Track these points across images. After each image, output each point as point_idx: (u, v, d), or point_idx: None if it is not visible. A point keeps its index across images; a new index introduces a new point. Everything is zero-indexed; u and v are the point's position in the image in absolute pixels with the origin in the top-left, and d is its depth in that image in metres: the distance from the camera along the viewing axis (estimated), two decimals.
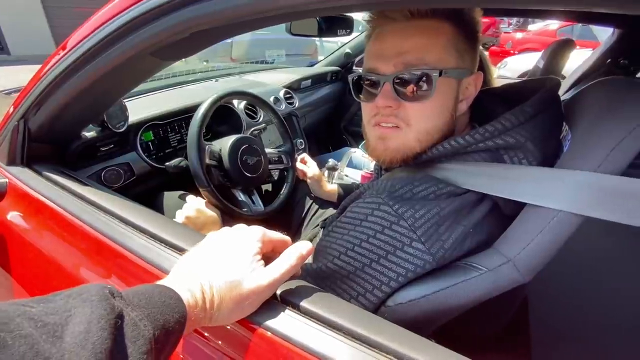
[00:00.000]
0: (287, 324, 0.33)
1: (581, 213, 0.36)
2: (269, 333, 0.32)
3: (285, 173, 1.09)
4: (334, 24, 0.98)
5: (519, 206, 0.42)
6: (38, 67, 0.62)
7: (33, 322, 0.21)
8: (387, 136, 0.50)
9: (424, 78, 0.45)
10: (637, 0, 0.24)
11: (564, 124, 0.49)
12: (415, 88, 0.46)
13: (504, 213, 0.46)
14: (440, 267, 0.42)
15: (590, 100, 0.45)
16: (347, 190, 1.02)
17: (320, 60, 2.08)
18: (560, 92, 1.29)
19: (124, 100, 0.91)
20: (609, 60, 1.25)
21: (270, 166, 1.03)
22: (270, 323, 0.33)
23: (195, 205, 0.80)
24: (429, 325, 0.43)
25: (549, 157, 0.44)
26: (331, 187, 1.03)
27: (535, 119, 0.45)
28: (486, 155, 0.46)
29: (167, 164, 0.91)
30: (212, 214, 0.81)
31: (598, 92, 0.45)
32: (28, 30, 7.82)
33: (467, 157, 0.47)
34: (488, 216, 0.45)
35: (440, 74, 0.45)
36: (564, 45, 1.06)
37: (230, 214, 0.85)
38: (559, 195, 0.38)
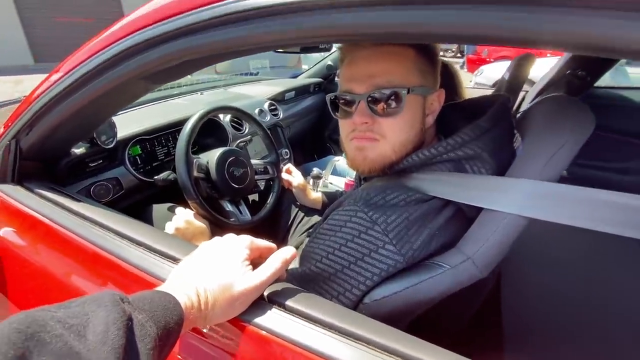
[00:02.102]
0: (274, 321, 0.37)
1: (525, 215, 0.42)
2: (258, 329, 0.37)
3: (271, 183, 1.13)
4: None
5: (478, 210, 0.48)
6: (13, 77, 0.65)
7: (61, 324, 0.25)
8: (365, 147, 0.55)
9: (394, 96, 0.51)
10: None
11: (517, 134, 0.56)
12: (386, 105, 0.52)
13: (467, 216, 0.51)
14: (409, 266, 0.47)
15: (534, 115, 0.52)
16: (331, 197, 1.07)
17: (305, 71, 2.15)
18: (528, 100, 1.39)
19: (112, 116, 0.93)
20: (568, 71, 1.36)
21: (256, 177, 1.07)
22: (259, 320, 0.37)
23: (184, 217, 0.83)
24: (402, 319, 0.48)
25: (503, 165, 0.50)
26: (316, 195, 1.07)
27: (489, 133, 0.52)
28: (450, 165, 0.52)
29: (155, 177, 0.93)
30: (200, 224, 0.84)
31: (540, 109, 0.51)
32: (2, 41, 7.61)
33: (433, 167, 0.53)
34: (452, 219, 0.51)
35: (408, 92, 0.51)
36: (525, 60, 1.16)
37: (218, 225, 0.88)
38: (507, 200, 0.44)
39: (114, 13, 8.41)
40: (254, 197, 1.21)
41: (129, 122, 1.05)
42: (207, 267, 0.38)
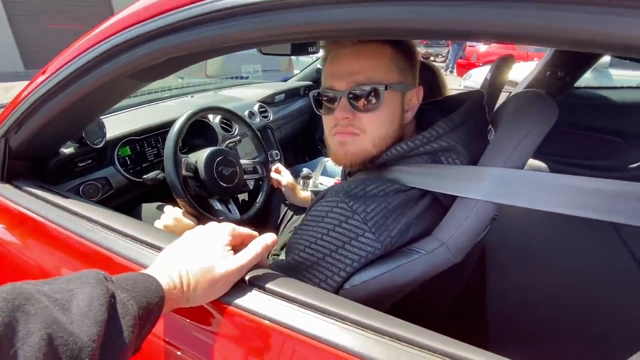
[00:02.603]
0: (254, 301, 0.39)
1: (493, 200, 0.45)
2: (239, 310, 0.38)
3: (261, 182, 1.15)
4: (304, 43, 1.07)
5: (453, 199, 0.51)
6: (3, 84, 0.66)
7: (47, 298, 0.26)
8: (346, 141, 0.57)
9: (373, 92, 0.54)
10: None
11: (491, 128, 0.59)
12: (366, 101, 0.54)
13: (443, 205, 0.54)
14: (387, 252, 0.50)
15: (505, 109, 0.55)
16: None
17: (296, 74, 2.18)
18: None
19: (102, 117, 0.94)
20: (548, 72, 1.41)
21: (245, 176, 1.09)
22: (239, 302, 0.39)
23: (172, 215, 0.84)
24: (381, 302, 0.50)
25: (477, 156, 0.53)
26: (305, 194, 1.09)
27: (463, 126, 0.54)
28: (427, 158, 0.55)
29: (144, 176, 0.95)
30: (189, 222, 0.85)
31: (510, 103, 0.54)
32: None
33: (411, 159, 0.55)
34: (429, 209, 0.53)
35: (386, 88, 0.53)
36: (505, 62, 1.21)
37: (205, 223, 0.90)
38: (477, 188, 0.46)
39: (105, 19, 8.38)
40: (243, 196, 1.22)
41: (119, 123, 1.06)
42: (190, 252, 0.39)
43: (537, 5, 0.28)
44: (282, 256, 0.71)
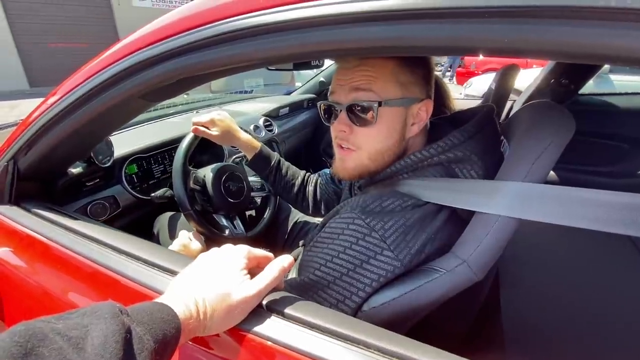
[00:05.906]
0: (273, 329, 0.37)
1: (514, 216, 0.43)
2: (258, 338, 0.37)
3: (268, 200, 1.14)
4: None
5: (471, 212, 0.49)
6: (8, 102, 0.66)
7: (60, 337, 0.25)
8: (344, 158, 0.59)
9: (368, 108, 0.53)
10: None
11: (504, 140, 0.58)
12: (362, 116, 0.54)
13: (462, 218, 0.52)
14: (407, 272, 0.48)
15: (519, 121, 0.54)
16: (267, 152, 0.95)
17: (298, 87, 2.20)
18: (515, 109, 1.43)
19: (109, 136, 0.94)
20: (552, 80, 1.41)
21: (252, 193, 1.08)
22: (258, 329, 0.37)
23: (180, 241, 0.83)
24: (401, 325, 0.48)
25: (492, 167, 0.52)
26: (245, 136, 0.93)
27: (477, 136, 0.54)
28: (441, 170, 0.54)
29: (152, 194, 0.94)
30: (196, 248, 0.84)
31: (524, 114, 0.54)
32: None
33: (425, 171, 0.54)
34: (448, 223, 0.52)
35: (380, 105, 0.53)
36: (510, 70, 1.21)
37: (212, 238, 0.89)
38: (497, 202, 0.45)
39: (109, 37, 8.57)
40: (250, 212, 1.22)
41: (126, 141, 1.06)
42: (205, 277, 0.38)
43: (542, 20, 0.28)
44: (292, 273, 0.69)
